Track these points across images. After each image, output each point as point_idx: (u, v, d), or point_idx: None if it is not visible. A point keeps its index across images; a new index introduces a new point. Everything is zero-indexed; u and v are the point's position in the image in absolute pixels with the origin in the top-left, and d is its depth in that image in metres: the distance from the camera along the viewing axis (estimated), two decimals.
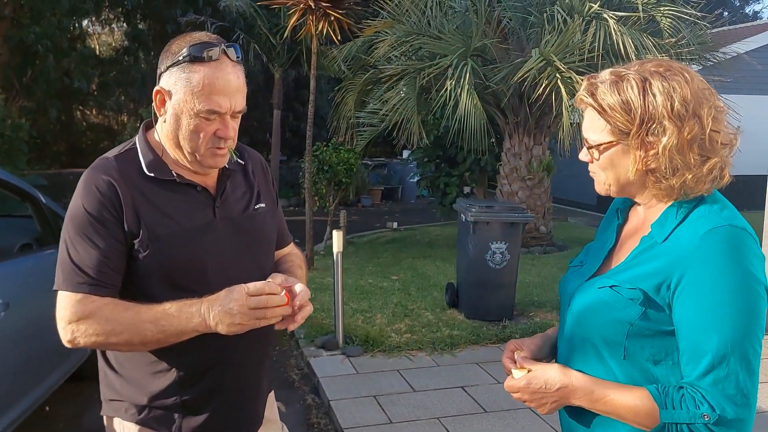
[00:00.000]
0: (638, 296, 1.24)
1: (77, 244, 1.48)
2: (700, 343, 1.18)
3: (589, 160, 1.36)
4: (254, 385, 1.71)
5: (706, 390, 1.17)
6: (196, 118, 1.48)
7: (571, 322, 1.38)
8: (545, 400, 1.31)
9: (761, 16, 28.28)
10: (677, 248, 1.23)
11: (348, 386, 4.35)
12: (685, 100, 1.23)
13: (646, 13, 7.57)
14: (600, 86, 1.29)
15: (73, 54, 15.25)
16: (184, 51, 1.47)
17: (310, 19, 7.02)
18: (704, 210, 1.25)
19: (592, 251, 1.48)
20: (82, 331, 1.45)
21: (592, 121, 1.31)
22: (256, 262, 1.66)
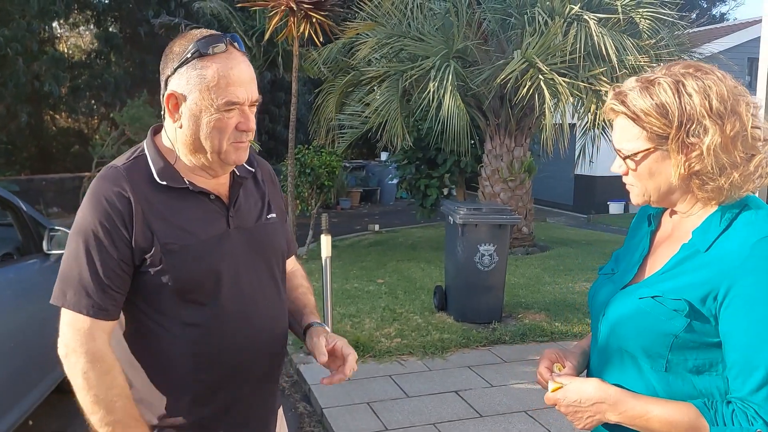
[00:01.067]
0: (683, 307, 1.20)
1: (84, 262, 1.41)
2: (751, 357, 1.14)
3: (624, 172, 1.30)
4: (269, 400, 1.66)
5: (759, 405, 1.13)
6: (216, 113, 1.42)
7: (606, 332, 1.33)
8: (580, 414, 1.27)
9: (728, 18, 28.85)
10: (725, 258, 1.19)
11: (340, 393, 4.29)
12: (722, 97, 1.20)
13: (625, 14, 7.64)
14: (630, 93, 1.25)
15: (43, 57, 14.94)
16: (191, 48, 1.41)
17: (292, 21, 6.95)
18: (750, 217, 1.22)
19: (623, 258, 1.43)
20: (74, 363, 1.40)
21: (625, 129, 1.26)
22: (270, 274, 1.61)
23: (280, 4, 6.87)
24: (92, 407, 1.39)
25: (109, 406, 1.39)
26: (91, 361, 1.39)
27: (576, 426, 1.30)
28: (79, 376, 1.39)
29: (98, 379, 1.39)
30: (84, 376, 1.39)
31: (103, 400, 1.39)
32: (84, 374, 1.39)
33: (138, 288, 1.46)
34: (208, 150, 1.46)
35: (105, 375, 1.40)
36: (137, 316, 1.50)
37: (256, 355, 1.55)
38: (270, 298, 1.60)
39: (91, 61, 17.45)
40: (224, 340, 1.49)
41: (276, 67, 13.89)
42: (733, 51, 13.41)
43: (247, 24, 13.11)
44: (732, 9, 41.18)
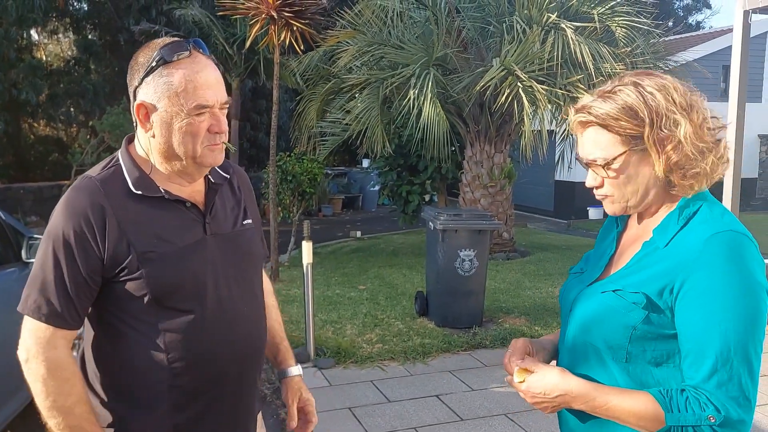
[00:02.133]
0: (641, 300, 1.25)
1: (50, 270, 1.43)
2: (703, 346, 1.20)
3: (599, 184, 1.34)
4: (248, 405, 1.67)
5: (711, 392, 1.19)
6: (187, 118, 1.44)
7: (573, 327, 1.39)
8: (545, 405, 1.33)
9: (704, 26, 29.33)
10: (680, 252, 1.24)
11: (322, 399, 4.30)
12: (681, 92, 1.27)
13: (601, 23, 7.77)
14: (593, 104, 1.29)
15: (21, 65, 14.78)
16: (155, 56, 1.43)
17: (273, 29, 6.96)
18: (705, 215, 1.28)
19: (593, 259, 1.49)
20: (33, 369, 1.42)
21: (596, 139, 1.30)
22: (247, 279, 1.63)
23: (261, 12, 6.88)
24: (50, 412, 1.41)
25: (68, 412, 1.41)
26: (50, 368, 1.41)
27: (544, 412, 1.35)
28: (39, 382, 1.41)
29: (57, 386, 1.41)
30: (43, 383, 1.41)
31: (62, 407, 1.41)
32: (43, 381, 1.41)
33: (114, 296, 1.47)
34: (182, 156, 1.48)
35: (64, 382, 1.42)
36: (113, 323, 1.50)
37: (234, 361, 1.56)
38: (248, 304, 1.61)
39: (70, 68, 17.28)
40: (202, 346, 1.50)
41: (257, 75, 13.89)
42: (708, 59, 13.65)
43: (228, 32, 13.10)
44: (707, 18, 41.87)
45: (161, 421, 1.51)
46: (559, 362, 1.48)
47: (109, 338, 1.52)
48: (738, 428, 1.19)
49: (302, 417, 1.85)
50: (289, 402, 1.84)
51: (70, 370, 1.44)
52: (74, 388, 1.43)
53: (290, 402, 1.83)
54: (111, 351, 1.52)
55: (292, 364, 1.88)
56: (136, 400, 1.51)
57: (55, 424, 1.41)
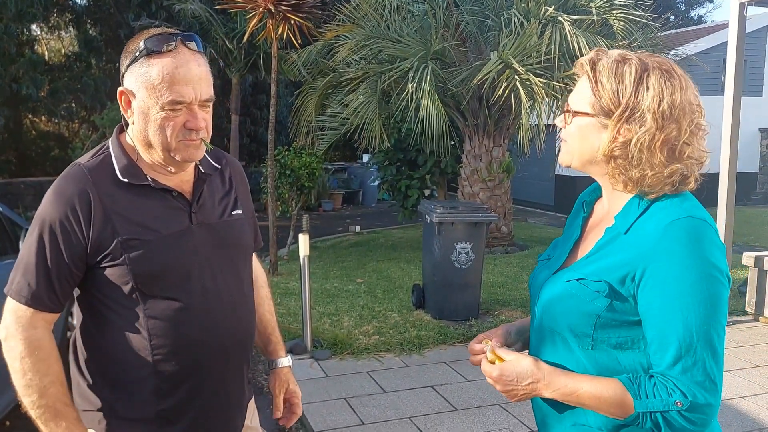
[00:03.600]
0: (604, 288, 1.26)
1: (33, 254, 1.45)
2: (666, 333, 1.21)
3: (562, 125, 1.38)
4: (233, 393, 1.68)
5: (677, 378, 1.20)
6: (161, 112, 1.45)
7: (540, 314, 1.41)
8: (516, 392, 1.32)
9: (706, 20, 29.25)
10: (640, 240, 1.25)
11: (318, 389, 4.33)
12: (673, 103, 1.25)
13: (599, 16, 7.76)
14: (604, 59, 1.30)
15: (22, 60, 14.80)
16: (141, 46, 1.45)
17: (270, 23, 6.98)
18: (666, 202, 1.28)
19: (559, 245, 1.50)
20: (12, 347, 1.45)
21: (582, 89, 1.33)
22: (234, 269, 1.65)
23: (258, 6, 6.90)
24: (26, 390, 1.44)
25: (42, 391, 1.43)
26: (28, 347, 1.44)
27: (510, 399, 1.35)
28: (17, 361, 1.44)
29: (34, 365, 1.43)
30: (21, 361, 1.44)
31: (37, 386, 1.43)
32: (21, 359, 1.44)
33: (99, 282, 1.49)
34: (157, 147, 1.50)
35: (41, 362, 1.44)
36: (99, 309, 1.52)
37: (219, 350, 1.57)
38: (233, 293, 1.62)
39: (71, 63, 17.29)
40: (184, 334, 1.51)
41: (257, 70, 13.90)
42: (709, 52, 13.61)
43: (228, 26, 13.09)
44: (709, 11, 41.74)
45: (145, 406, 1.53)
46: (530, 347, 1.49)
47: (95, 323, 1.54)
48: (705, 412, 1.20)
49: (287, 408, 1.89)
50: (275, 392, 1.88)
51: (47, 351, 1.46)
52: (51, 368, 1.45)
53: (277, 393, 1.88)
54: (97, 336, 1.54)
55: (282, 355, 1.91)
56: (121, 384, 1.53)
57: (30, 403, 1.44)
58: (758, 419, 3.87)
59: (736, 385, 4.35)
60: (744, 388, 4.31)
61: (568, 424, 1.35)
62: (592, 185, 1.49)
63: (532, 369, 1.31)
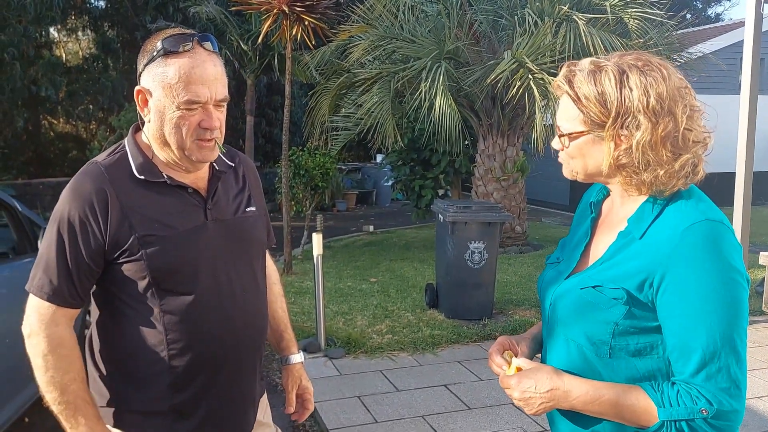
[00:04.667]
0: (622, 296, 1.24)
1: (53, 251, 1.49)
2: (689, 340, 1.19)
3: (559, 148, 1.37)
4: (246, 388, 1.70)
5: (701, 386, 1.18)
6: (177, 111, 1.47)
7: (553, 322, 1.38)
8: (534, 401, 1.29)
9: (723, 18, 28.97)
10: (657, 245, 1.23)
11: (332, 388, 4.36)
12: (660, 96, 1.23)
13: (614, 14, 7.72)
14: (578, 74, 1.28)
15: (40, 62, 15.00)
16: (158, 46, 1.47)
17: (285, 24, 7.02)
18: (680, 204, 1.26)
19: (568, 247, 1.48)
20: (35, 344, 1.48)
21: (567, 109, 1.31)
22: (248, 265, 1.67)
23: (273, 8, 6.94)
24: (48, 387, 1.47)
25: (64, 388, 1.46)
26: (51, 344, 1.47)
27: (528, 412, 1.32)
28: (39, 357, 1.47)
29: (56, 362, 1.46)
30: (43, 358, 1.46)
31: (59, 383, 1.46)
32: (44, 356, 1.46)
33: (116, 278, 1.52)
34: (172, 146, 1.52)
35: (63, 359, 1.47)
36: (115, 304, 1.55)
37: (233, 345, 1.60)
38: (248, 289, 1.65)
39: (89, 65, 17.49)
40: (199, 328, 1.54)
41: (272, 71, 13.96)
42: (727, 51, 13.48)
43: (243, 28, 13.18)
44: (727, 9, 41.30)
45: (159, 400, 1.55)
46: (542, 355, 1.47)
47: (112, 318, 1.57)
48: (731, 418, 1.18)
49: (300, 403, 1.93)
50: (288, 388, 1.92)
51: (69, 347, 1.49)
52: (72, 365, 1.48)
53: (289, 388, 1.92)
54: (113, 330, 1.57)
55: (294, 351, 1.95)
56: (136, 379, 1.56)
57: (51, 399, 1.47)
58: (765, 418, 3.84)
59: (753, 385, 4.32)
60: (760, 389, 4.27)
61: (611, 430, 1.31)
62: (598, 185, 1.46)
63: (552, 376, 1.28)
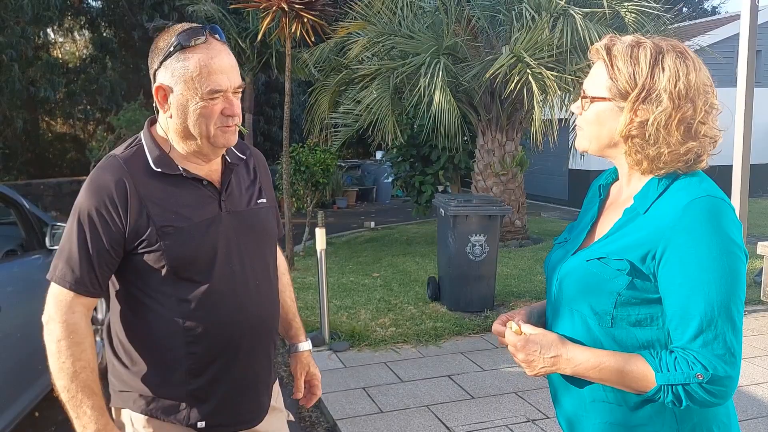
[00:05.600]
0: (625, 267, 1.29)
1: (75, 241, 1.54)
2: (688, 308, 1.24)
3: (579, 112, 1.40)
4: (260, 374, 1.74)
5: (697, 352, 1.23)
6: (202, 102, 1.52)
7: (559, 294, 1.44)
8: (536, 363, 1.35)
9: (719, 11, 29.01)
10: (660, 219, 1.29)
11: (337, 380, 4.41)
12: (689, 83, 1.29)
13: (611, 8, 7.77)
14: (618, 44, 1.34)
15: (39, 63, 15.04)
16: (173, 42, 1.51)
17: (284, 22, 7.06)
18: (684, 182, 1.32)
19: (576, 229, 1.54)
20: (51, 330, 1.53)
21: (598, 74, 1.35)
22: (260, 254, 1.72)
23: (272, 5, 6.99)
24: (59, 373, 1.52)
25: (73, 375, 1.51)
26: (66, 330, 1.52)
27: (528, 373, 1.38)
28: (53, 343, 1.52)
29: (69, 348, 1.51)
30: (57, 344, 1.51)
31: (69, 369, 1.51)
32: (57, 342, 1.51)
33: (134, 267, 1.57)
34: (197, 136, 1.57)
35: (75, 346, 1.52)
36: (134, 293, 1.60)
37: (247, 331, 1.65)
38: (260, 277, 1.70)
39: (86, 65, 17.54)
40: (214, 315, 1.59)
41: (270, 69, 14.01)
42: (723, 44, 13.53)
43: (240, 26, 13.23)
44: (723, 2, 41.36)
45: (176, 386, 1.61)
46: (546, 327, 1.51)
47: (131, 308, 1.62)
48: (725, 384, 1.23)
49: (308, 389, 2.00)
50: (297, 375, 1.98)
51: (83, 335, 1.54)
52: (84, 353, 1.53)
53: (298, 375, 1.98)
54: (132, 320, 1.62)
55: (302, 339, 2.00)
56: (155, 366, 1.61)
57: (60, 386, 1.52)
58: (763, 404, 3.90)
59: (752, 372, 4.38)
60: (759, 375, 4.34)
61: (588, 400, 1.38)
62: (608, 170, 1.52)
63: (557, 343, 1.34)
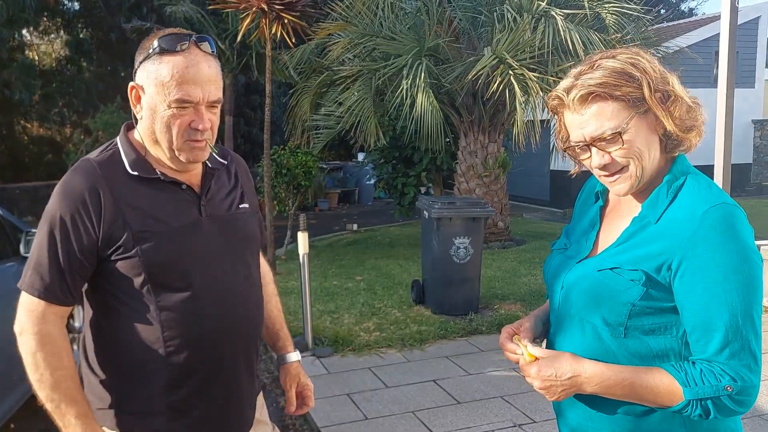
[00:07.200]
0: (640, 277, 1.25)
1: (45, 248, 1.47)
2: (711, 319, 1.21)
3: (608, 160, 1.29)
4: (243, 385, 1.68)
5: (725, 363, 1.20)
6: (168, 110, 1.47)
7: (565, 304, 1.39)
8: (555, 388, 1.30)
9: (696, 12, 29.36)
10: (675, 228, 1.25)
11: (320, 386, 4.34)
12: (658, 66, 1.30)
13: (591, 10, 7.79)
14: (582, 76, 1.27)
15: (14, 65, 14.76)
16: (155, 44, 1.47)
17: (264, 23, 6.98)
18: (692, 188, 1.29)
19: (575, 234, 1.49)
20: (25, 342, 1.47)
21: (601, 111, 1.26)
22: (242, 261, 1.66)
23: (252, 6, 6.90)
24: (39, 384, 1.46)
25: (54, 385, 1.45)
26: (40, 342, 1.45)
27: (549, 399, 1.33)
28: (29, 356, 1.46)
29: (46, 359, 1.45)
30: (33, 357, 1.45)
31: (49, 380, 1.45)
32: (33, 355, 1.45)
33: (110, 275, 1.50)
34: (162, 144, 1.52)
35: (52, 356, 1.46)
36: (109, 302, 1.53)
37: (229, 341, 1.59)
38: (242, 284, 1.64)
39: (62, 67, 17.27)
40: (196, 325, 1.53)
41: (250, 71, 13.90)
42: (701, 45, 13.68)
43: (220, 27, 13.10)
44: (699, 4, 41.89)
45: (156, 399, 1.54)
46: (550, 336, 1.48)
47: (107, 317, 1.55)
48: (751, 393, 1.21)
49: (300, 400, 1.91)
50: (287, 387, 1.90)
51: (59, 345, 1.47)
52: (62, 362, 1.47)
53: (288, 387, 1.90)
54: (108, 330, 1.55)
55: (291, 350, 1.93)
56: (133, 378, 1.54)
57: (43, 397, 1.46)
58: (758, 405, 3.90)
59: None
60: None
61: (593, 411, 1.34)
62: None
63: (571, 364, 1.29)
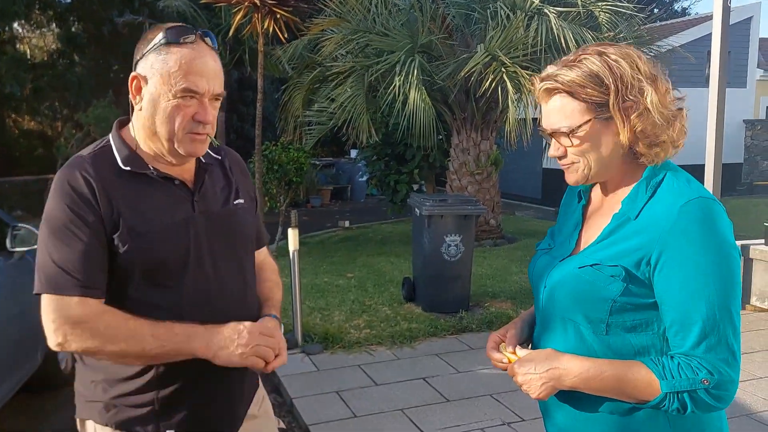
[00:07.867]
0: (620, 273, 1.25)
1: (58, 246, 1.43)
2: (689, 313, 1.21)
3: (562, 153, 1.33)
4: (233, 382, 1.65)
5: (702, 357, 1.20)
6: (173, 100, 1.45)
7: (548, 302, 1.39)
8: (534, 382, 1.30)
9: (689, 12, 29.45)
10: (653, 223, 1.25)
11: (310, 383, 4.33)
12: (644, 61, 1.28)
13: (585, 8, 7.80)
14: (559, 72, 1.28)
15: (4, 58, 14.66)
16: (160, 36, 1.46)
17: (256, 17, 6.95)
18: (671, 183, 1.28)
19: (558, 233, 1.49)
20: (77, 335, 1.42)
21: (562, 107, 1.29)
22: (236, 257, 1.64)
23: (244, 0, 6.86)
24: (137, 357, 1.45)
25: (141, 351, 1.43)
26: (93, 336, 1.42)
27: (532, 396, 1.32)
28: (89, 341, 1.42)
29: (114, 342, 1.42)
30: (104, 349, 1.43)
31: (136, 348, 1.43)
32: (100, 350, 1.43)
33: (109, 271, 1.48)
34: (162, 136, 1.49)
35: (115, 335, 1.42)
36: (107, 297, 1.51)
37: None
38: (236, 281, 1.62)
39: (54, 61, 17.16)
40: (187, 320, 1.50)
41: (243, 66, 13.85)
42: (693, 44, 13.73)
43: (213, 22, 13.04)
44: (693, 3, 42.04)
45: (145, 394, 1.52)
46: (534, 336, 1.48)
47: None
48: (728, 388, 1.21)
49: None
50: None
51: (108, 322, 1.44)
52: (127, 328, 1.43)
53: None
54: None
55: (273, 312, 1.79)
56: (121, 372, 1.52)
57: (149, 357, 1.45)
58: (745, 405, 3.92)
59: None
60: None
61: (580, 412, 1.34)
62: None
63: (551, 356, 1.30)
